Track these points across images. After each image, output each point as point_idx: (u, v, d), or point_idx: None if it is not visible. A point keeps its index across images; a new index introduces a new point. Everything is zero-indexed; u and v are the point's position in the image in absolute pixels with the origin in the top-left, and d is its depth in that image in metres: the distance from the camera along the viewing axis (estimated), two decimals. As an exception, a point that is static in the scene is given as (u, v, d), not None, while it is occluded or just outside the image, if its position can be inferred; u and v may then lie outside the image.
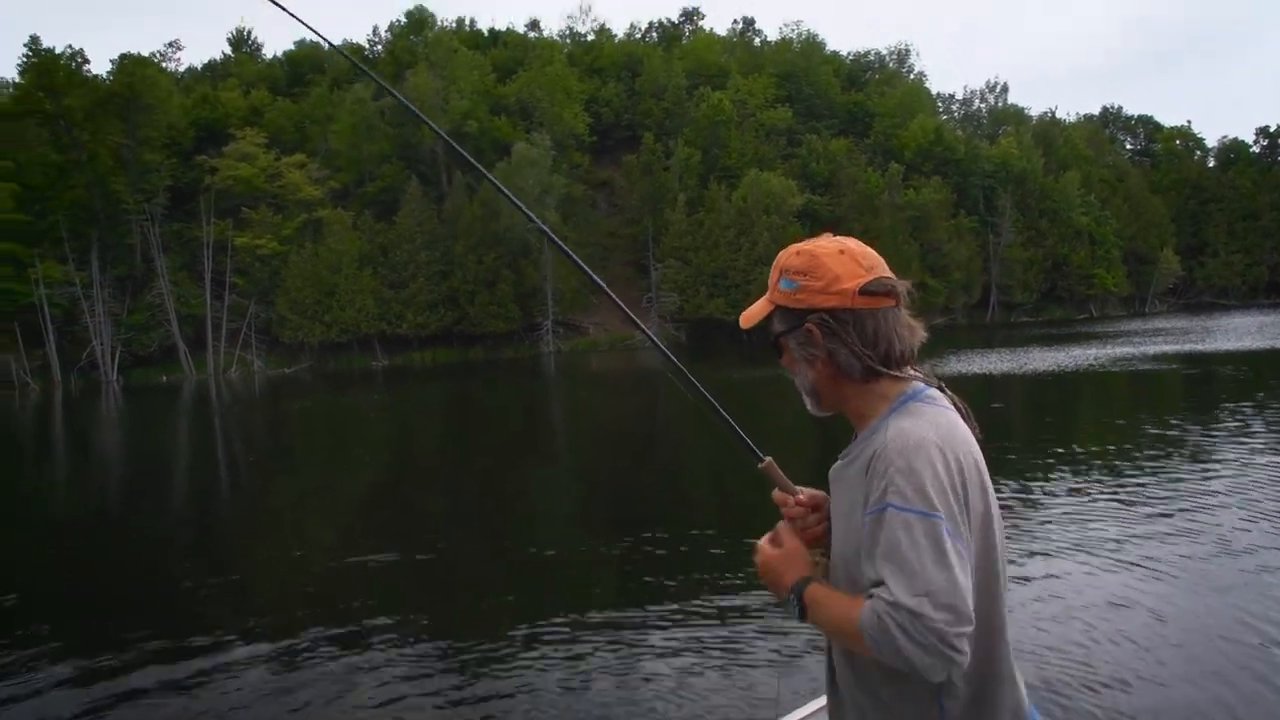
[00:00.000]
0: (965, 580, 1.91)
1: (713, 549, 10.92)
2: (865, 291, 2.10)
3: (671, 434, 24.40)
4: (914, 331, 2.17)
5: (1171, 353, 35.09)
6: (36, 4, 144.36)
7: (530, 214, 2.93)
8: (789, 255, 2.24)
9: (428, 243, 60.90)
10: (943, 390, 2.19)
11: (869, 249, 2.18)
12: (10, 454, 29.64)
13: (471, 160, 3.13)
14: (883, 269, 2.14)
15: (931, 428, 2.03)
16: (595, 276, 2.63)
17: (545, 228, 2.86)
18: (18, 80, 62.72)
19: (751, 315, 2.35)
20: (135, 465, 25.80)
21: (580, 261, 2.67)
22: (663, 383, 41.73)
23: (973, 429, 2.15)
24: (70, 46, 64.06)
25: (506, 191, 3.02)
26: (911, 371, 2.18)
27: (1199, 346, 37.38)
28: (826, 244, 2.20)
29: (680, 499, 15.16)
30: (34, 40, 60.48)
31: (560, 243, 2.73)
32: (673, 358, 2.58)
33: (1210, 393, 24.08)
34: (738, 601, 8.48)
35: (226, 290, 59.72)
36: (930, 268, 68.18)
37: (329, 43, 3.30)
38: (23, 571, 12.96)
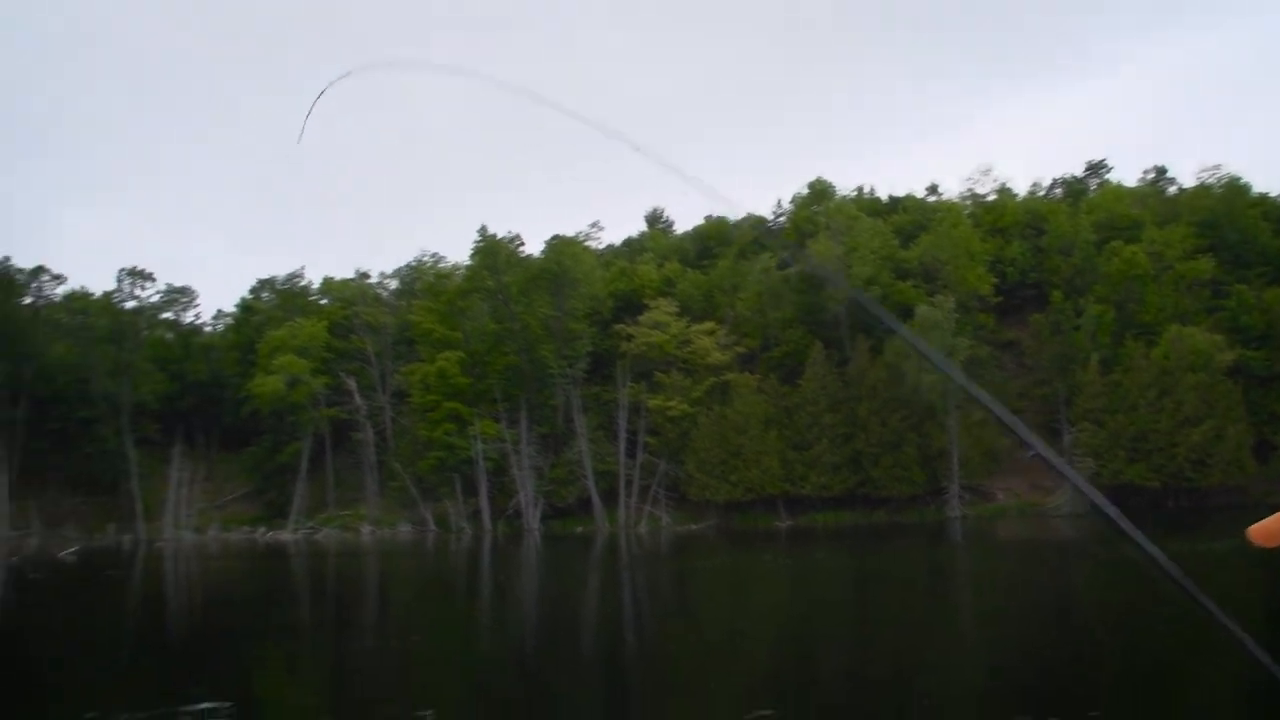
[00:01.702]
0: None
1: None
2: None
3: (1098, 608, 22.72)
4: None
5: None
6: (483, 200, 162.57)
7: (942, 363, 2.78)
8: None
9: (831, 405, 61.31)
10: None
11: None
12: (444, 592, 32.26)
13: (883, 313, 2.92)
14: None
15: None
16: (1018, 424, 2.33)
17: (958, 374, 2.68)
18: (468, 263, 70.70)
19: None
20: (549, 608, 27.31)
21: (997, 406, 2.38)
22: (1081, 554, 39.06)
23: None
24: (510, 231, 71.54)
25: (917, 342, 2.87)
26: None
27: None
28: None
29: (1118, 683, 13.99)
30: (483, 228, 68.19)
31: (973, 388, 2.47)
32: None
33: None
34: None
35: (639, 449, 62.91)
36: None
37: (735, 215, 3.37)
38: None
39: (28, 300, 71.88)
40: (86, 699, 15.51)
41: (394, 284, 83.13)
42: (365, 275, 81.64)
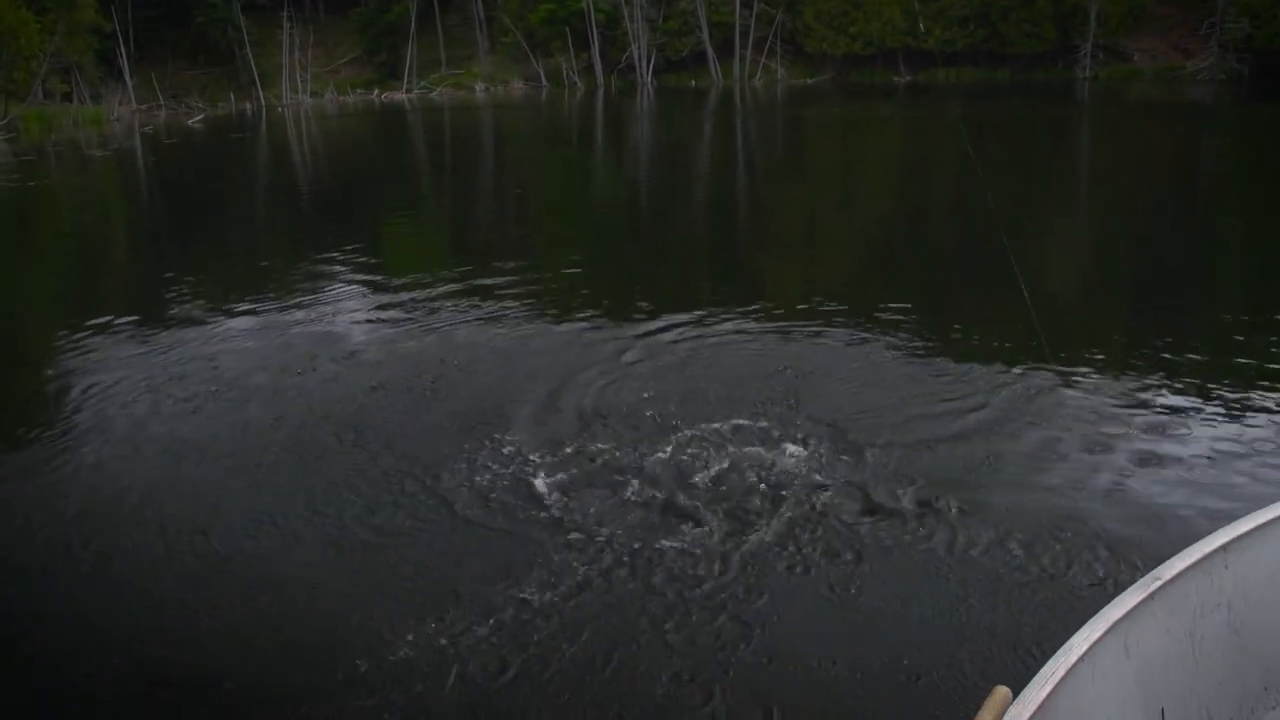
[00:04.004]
0: None
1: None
2: None
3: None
4: None
5: None
6: None
7: None
8: None
9: (961, -49, 57.10)
10: None
11: None
12: (561, 139, 32.49)
13: None
14: None
15: None
16: None
17: None
18: None
19: None
20: (659, 159, 27.39)
21: None
22: (1207, 116, 37.17)
23: None
24: None
25: None
26: None
27: None
28: None
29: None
30: None
31: None
32: None
33: None
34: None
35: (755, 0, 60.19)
36: None
37: None
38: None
39: None
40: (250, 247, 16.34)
41: None
42: None
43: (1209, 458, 6.01)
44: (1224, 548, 2.93)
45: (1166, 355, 8.14)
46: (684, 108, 46.21)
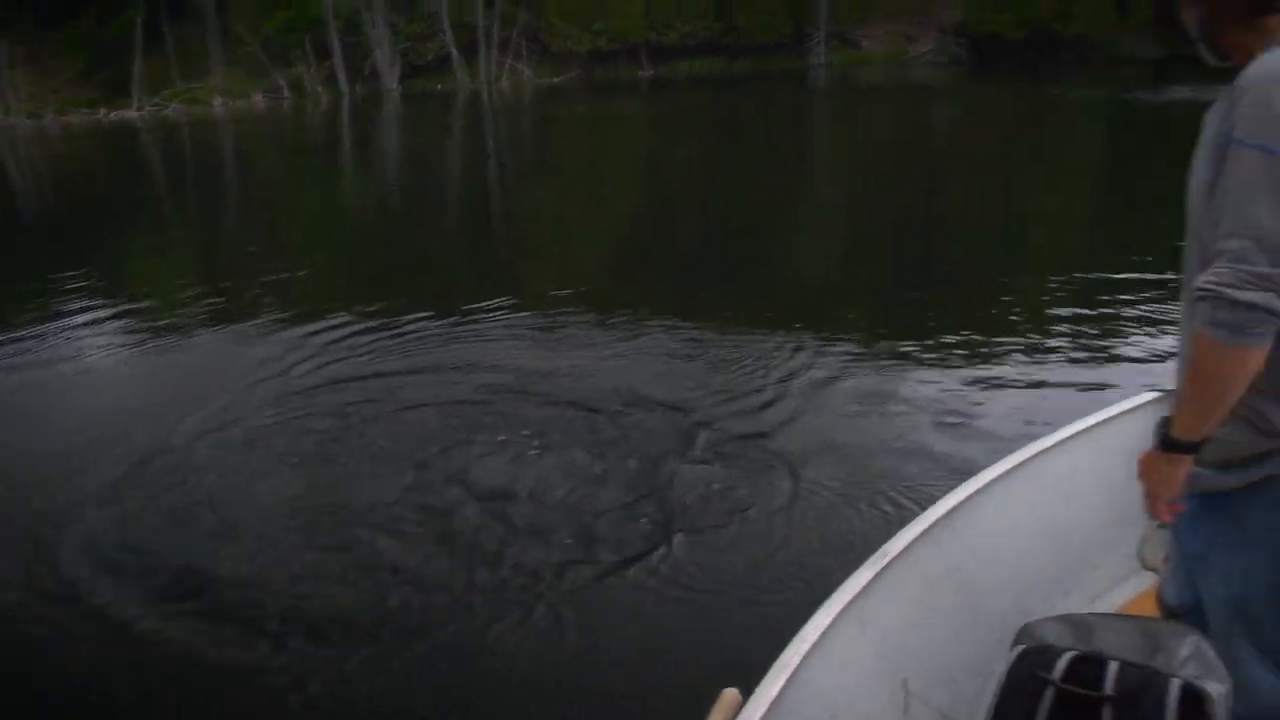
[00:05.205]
0: None
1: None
2: None
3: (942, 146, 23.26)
4: None
5: None
6: None
7: None
8: None
9: (698, -54, 58.66)
10: None
11: None
12: (304, 155, 31.46)
13: None
14: None
15: None
16: None
17: None
18: None
19: None
20: (408, 166, 26.94)
21: None
22: (933, 96, 39.53)
23: None
24: None
25: None
26: None
27: None
28: None
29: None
30: None
31: None
32: None
33: None
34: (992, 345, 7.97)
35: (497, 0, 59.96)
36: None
37: None
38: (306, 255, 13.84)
39: None
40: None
41: None
42: None
43: (954, 423, 6.29)
44: (949, 513, 3.03)
45: (909, 328, 8.62)
46: (432, 113, 45.61)
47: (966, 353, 7.68)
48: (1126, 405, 3.60)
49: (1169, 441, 1.94)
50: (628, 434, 6.28)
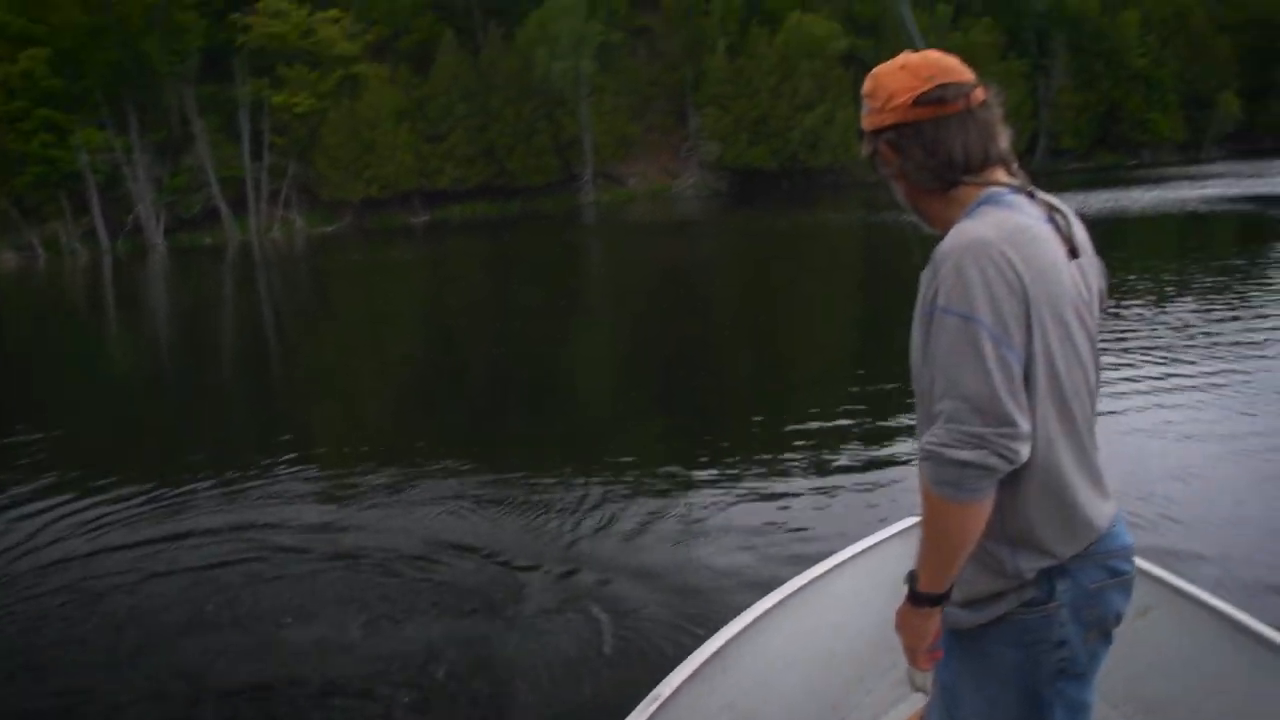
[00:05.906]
0: (1007, 387, 1.84)
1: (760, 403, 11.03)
2: (920, 103, 2.06)
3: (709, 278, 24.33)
4: (991, 134, 2.10)
5: (1230, 194, 33.93)
6: None
7: None
8: (866, 80, 2.21)
9: (464, 95, 59.90)
10: (1032, 196, 2.06)
11: (939, 58, 2.12)
12: (63, 317, 30.05)
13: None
14: (947, 76, 2.09)
15: (993, 228, 1.93)
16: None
17: None
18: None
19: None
20: (178, 324, 26.09)
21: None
22: (697, 229, 41.32)
23: (1068, 235, 2.03)
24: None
25: None
26: (1003, 176, 2.09)
27: (1260, 188, 35.56)
28: (890, 62, 2.16)
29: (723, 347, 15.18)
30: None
31: None
32: None
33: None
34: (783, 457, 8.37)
35: (265, 150, 59.34)
36: (977, 112, 65.47)
37: None
38: (70, 419, 13.22)
39: None
40: None
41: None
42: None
43: (741, 545, 6.39)
44: (721, 650, 3.06)
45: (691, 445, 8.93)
46: (201, 267, 44.36)
47: (750, 471, 7.94)
48: (891, 530, 3.75)
49: (917, 596, 2.08)
50: (413, 586, 6.16)
